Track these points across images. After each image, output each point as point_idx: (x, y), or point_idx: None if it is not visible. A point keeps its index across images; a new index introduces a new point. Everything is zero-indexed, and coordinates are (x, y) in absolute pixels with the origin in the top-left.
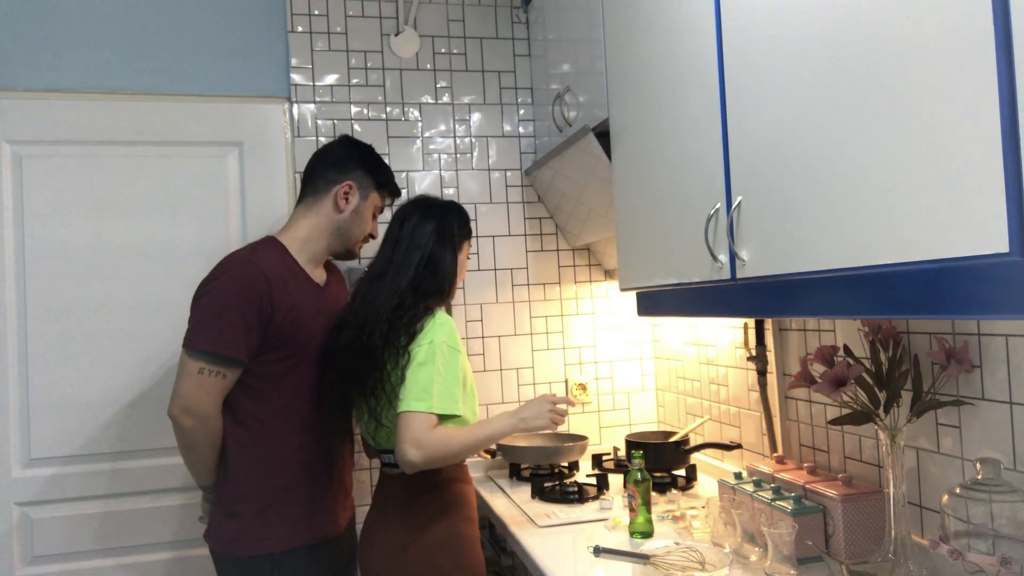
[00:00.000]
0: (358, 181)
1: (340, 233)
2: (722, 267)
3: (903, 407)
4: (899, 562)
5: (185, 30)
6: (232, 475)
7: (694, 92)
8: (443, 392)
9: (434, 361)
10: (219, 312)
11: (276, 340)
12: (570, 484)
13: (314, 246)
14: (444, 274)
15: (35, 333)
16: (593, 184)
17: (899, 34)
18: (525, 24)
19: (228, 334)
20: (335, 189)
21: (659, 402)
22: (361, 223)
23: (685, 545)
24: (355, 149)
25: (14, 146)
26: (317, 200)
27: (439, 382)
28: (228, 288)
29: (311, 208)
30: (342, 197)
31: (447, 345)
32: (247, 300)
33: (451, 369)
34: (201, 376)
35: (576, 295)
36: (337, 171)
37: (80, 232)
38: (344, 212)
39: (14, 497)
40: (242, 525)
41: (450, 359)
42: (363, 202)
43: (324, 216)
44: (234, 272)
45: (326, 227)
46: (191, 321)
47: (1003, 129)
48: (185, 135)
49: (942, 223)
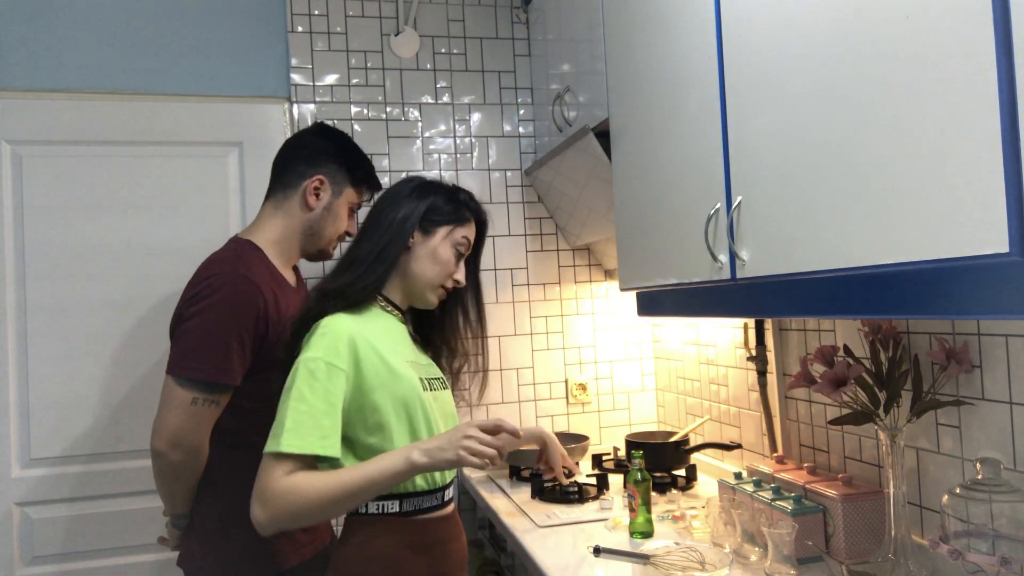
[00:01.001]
0: (330, 176)
1: (311, 233)
2: (722, 267)
3: (903, 407)
4: (899, 562)
5: (185, 30)
6: (224, 498)
7: (694, 92)
8: (300, 425)
9: (295, 385)
10: (213, 335)
11: (269, 358)
12: (570, 484)
13: (286, 247)
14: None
15: (35, 333)
16: (593, 184)
17: (899, 34)
18: (525, 24)
19: (224, 360)
20: (304, 184)
21: (659, 402)
22: (334, 221)
23: (685, 545)
24: (329, 140)
25: (14, 146)
26: (286, 197)
27: (300, 412)
28: (223, 309)
29: (280, 206)
30: (311, 193)
31: (323, 361)
32: (244, 321)
33: (320, 393)
34: (195, 407)
35: (576, 295)
36: (308, 164)
37: (80, 232)
38: (315, 210)
39: (14, 497)
40: (239, 548)
41: (323, 379)
42: (336, 199)
43: (293, 215)
44: (229, 290)
45: (296, 227)
46: (179, 345)
47: (1003, 129)
48: (185, 135)
49: (942, 223)
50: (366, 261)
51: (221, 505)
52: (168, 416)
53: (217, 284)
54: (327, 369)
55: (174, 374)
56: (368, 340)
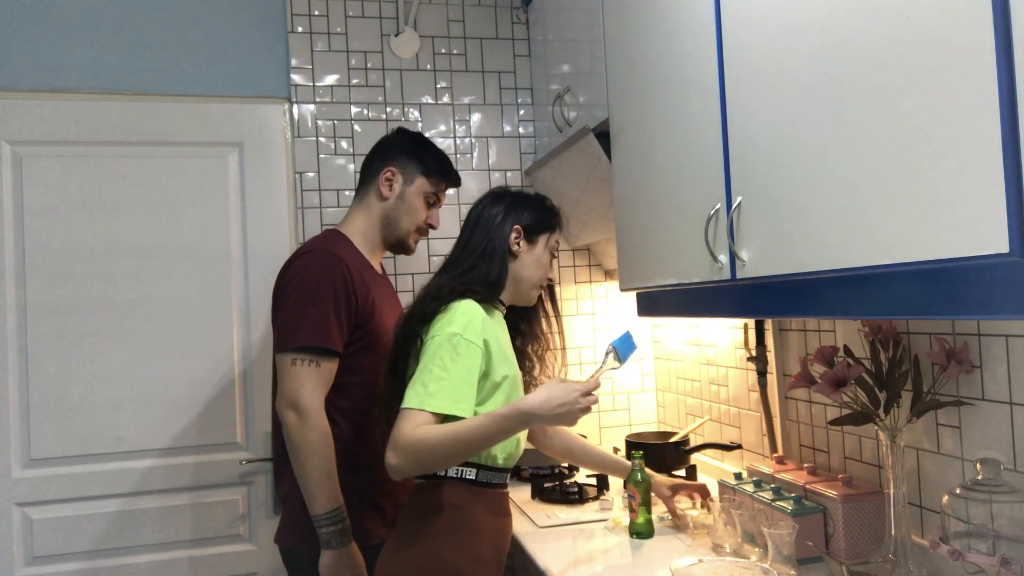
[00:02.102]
0: (401, 167)
1: (388, 222)
2: (722, 267)
3: (903, 407)
4: (899, 562)
5: (185, 30)
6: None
7: (694, 92)
8: (444, 389)
9: (438, 353)
10: (306, 307)
11: (360, 331)
12: (570, 484)
13: (369, 237)
14: (501, 264)
15: (35, 333)
16: (593, 184)
17: (899, 34)
18: (525, 24)
19: (322, 326)
20: (379, 176)
21: (659, 402)
22: (409, 211)
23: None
24: (403, 136)
25: (14, 146)
26: (366, 191)
27: (442, 377)
28: (312, 280)
29: (362, 200)
30: (384, 183)
31: (462, 337)
32: (333, 288)
33: (461, 364)
34: (295, 368)
35: (576, 295)
36: (381, 159)
37: (80, 232)
38: (389, 199)
39: (14, 497)
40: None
41: (463, 353)
42: (408, 187)
43: (371, 206)
44: (316, 265)
45: (376, 216)
46: (280, 326)
47: (1003, 129)
48: (185, 135)
49: (942, 223)
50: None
51: None
52: (282, 384)
53: (305, 262)
54: (466, 344)
55: (280, 350)
56: (491, 327)
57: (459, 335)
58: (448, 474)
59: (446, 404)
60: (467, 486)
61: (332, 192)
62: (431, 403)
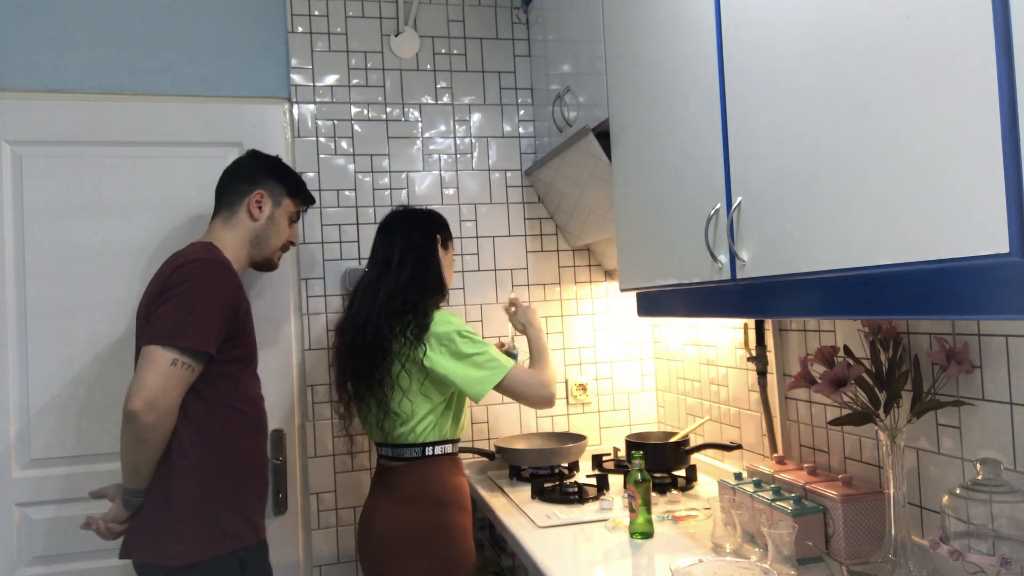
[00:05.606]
0: (269, 189)
1: (258, 241)
2: (722, 267)
3: (903, 407)
4: (899, 563)
5: (185, 30)
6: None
7: (694, 92)
8: (497, 355)
9: (474, 342)
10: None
11: (235, 338)
12: (570, 485)
13: (239, 256)
14: (439, 271)
15: (35, 333)
16: (593, 184)
17: (899, 34)
18: (525, 24)
19: (207, 331)
20: (248, 199)
21: (659, 402)
22: (277, 230)
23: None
24: (263, 161)
25: (14, 146)
26: (233, 213)
27: (491, 351)
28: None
29: (228, 221)
30: (255, 205)
31: (466, 329)
32: (226, 299)
33: (481, 343)
34: (173, 368)
35: (576, 295)
36: (248, 183)
37: (80, 232)
38: (259, 220)
39: (14, 497)
40: (210, 526)
41: (475, 337)
42: (276, 209)
43: (241, 227)
44: (212, 272)
45: (244, 237)
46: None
47: (1003, 129)
48: (185, 135)
49: (942, 223)
50: (434, 275)
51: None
52: (147, 377)
53: (198, 268)
54: (471, 333)
55: (162, 343)
56: None
57: (464, 328)
58: (435, 452)
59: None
60: (448, 457)
61: (332, 192)
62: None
